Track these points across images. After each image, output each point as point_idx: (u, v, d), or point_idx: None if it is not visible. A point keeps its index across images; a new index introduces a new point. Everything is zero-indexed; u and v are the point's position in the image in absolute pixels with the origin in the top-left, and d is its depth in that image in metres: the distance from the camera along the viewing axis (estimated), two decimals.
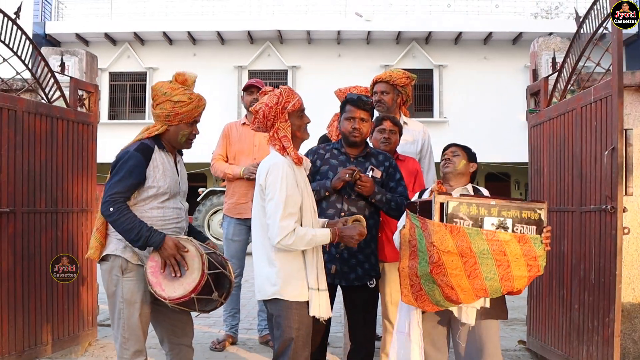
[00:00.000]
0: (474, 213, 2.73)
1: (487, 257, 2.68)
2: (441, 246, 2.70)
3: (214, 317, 5.58)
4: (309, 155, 3.48)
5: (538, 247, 2.72)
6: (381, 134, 3.86)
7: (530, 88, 4.82)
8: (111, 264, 2.98)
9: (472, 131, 15.59)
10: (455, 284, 2.73)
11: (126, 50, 17.76)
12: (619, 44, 3.47)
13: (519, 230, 2.74)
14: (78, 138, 4.55)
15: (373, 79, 4.49)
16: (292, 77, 17.77)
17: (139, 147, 2.95)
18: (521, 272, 2.73)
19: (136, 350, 2.97)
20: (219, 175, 4.90)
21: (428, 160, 4.45)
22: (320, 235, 2.78)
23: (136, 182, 2.90)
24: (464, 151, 3.27)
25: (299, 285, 2.79)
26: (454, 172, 3.21)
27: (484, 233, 2.69)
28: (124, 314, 2.95)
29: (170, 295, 2.80)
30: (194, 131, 3.06)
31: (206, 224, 13.64)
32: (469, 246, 2.68)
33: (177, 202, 3.07)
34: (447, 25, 17.15)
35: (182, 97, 2.97)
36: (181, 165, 3.21)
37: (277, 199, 2.71)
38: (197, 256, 2.84)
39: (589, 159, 3.77)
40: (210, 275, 2.84)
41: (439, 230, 2.71)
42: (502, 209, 2.74)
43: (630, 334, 4.19)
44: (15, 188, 3.94)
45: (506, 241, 2.69)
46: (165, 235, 2.85)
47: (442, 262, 2.71)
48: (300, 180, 2.83)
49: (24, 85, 4.57)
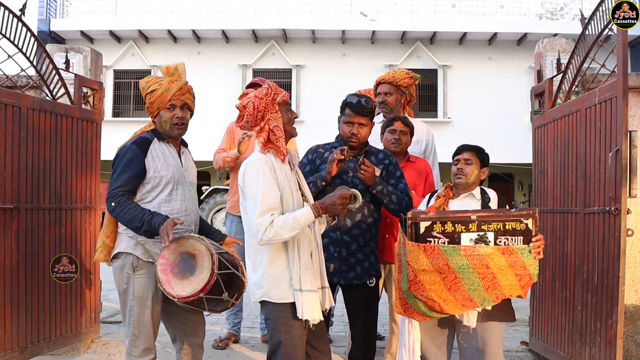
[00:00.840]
0: (449, 230, 2.68)
1: (468, 272, 2.66)
2: (416, 265, 2.68)
3: (217, 316, 5.55)
4: (308, 154, 3.47)
5: (526, 257, 2.67)
6: (392, 135, 3.85)
7: (534, 89, 4.80)
8: (122, 262, 2.99)
9: (476, 131, 15.55)
10: (437, 297, 2.74)
11: (131, 48, 17.79)
12: (624, 45, 3.46)
13: (502, 242, 2.69)
14: (82, 135, 4.56)
15: (376, 80, 4.49)
16: (296, 76, 17.77)
17: (135, 140, 2.99)
18: (510, 281, 2.70)
19: (146, 348, 2.98)
20: (221, 165, 4.87)
21: (432, 160, 4.45)
22: (301, 215, 2.64)
23: (135, 174, 2.91)
24: (477, 157, 3.16)
25: (282, 287, 2.72)
26: (465, 185, 3.15)
27: (461, 249, 2.65)
28: (135, 311, 2.95)
29: (179, 293, 2.79)
30: (175, 115, 3.02)
31: (210, 222, 13.67)
32: (446, 263, 2.65)
33: (185, 192, 3.07)
34: (451, 25, 17.11)
35: (153, 86, 3.01)
36: (186, 156, 3.21)
37: (254, 197, 2.68)
38: (208, 255, 2.82)
39: (593, 160, 3.76)
40: (220, 275, 2.82)
41: (412, 249, 2.68)
42: (483, 223, 2.68)
43: (633, 336, 4.18)
44: (19, 185, 3.94)
45: (488, 254, 2.65)
46: (166, 216, 2.85)
47: (419, 279, 2.71)
48: (280, 175, 2.74)
49: (28, 82, 4.58)
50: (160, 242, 2.79)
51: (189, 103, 3.09)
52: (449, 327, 3.11)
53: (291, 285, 2.71)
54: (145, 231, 2.84)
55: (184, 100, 3.05)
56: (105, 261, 3.10)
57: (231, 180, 4.98)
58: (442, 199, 3.11)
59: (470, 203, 3.08)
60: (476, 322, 2.94)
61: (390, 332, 3.84)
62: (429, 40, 17.66)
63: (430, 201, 3.21)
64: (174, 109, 3.02)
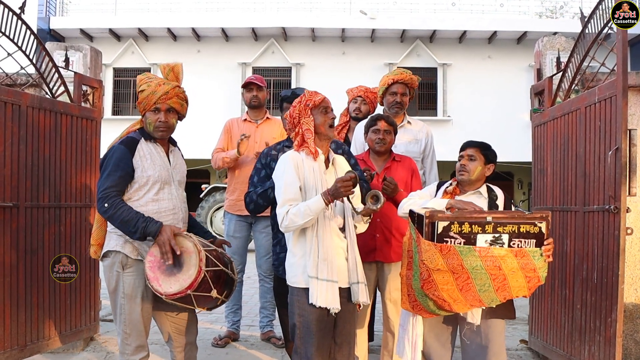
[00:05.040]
0: (467, 231, 2.67)
1: (481, 272, 2.66)
2: (431, 264, 2.68)
3: (216, 314, 5.59)
4: (262, 159, 3.51)
5: (537, 259, 2.69)
6: (376, 135, 3.80)
7: (534, 87, 4.80)
8: (112, 260, 2.99)
9: (475, 130, 15.50)
10: (447, 297, 2.75)
11: (130, 46, 17.77)
12: (624, 44, 3.46)
13: (516, 245, 2.69)
14: (82, 133, 4.55)
15: (390, 78, 4.44)
16: (296, 74, 17.75)
17: (122, 141, 3.00)
18: (519, 283, 2.72)
19: (138, 346, 2.98)
20: (219, 164, 4.88)
21: (430, 159, 4.45)
22: (312, 202, 2.79)
23: (124, 173, 2.92)
24: (481, 153, 3.16)
25: (298, 272, 2.89)
26: (468, 182, 3.15)
27: (476, 250, 2.65)
28: (125, 309, 2.96)
29: (167, 290, 2.80)
30: (158, 119, 3.01)
31: (209, 220, 13.66)
32: (460, 263, 2.65)
33: (172, 190, 3.07)
34: (451, 24, 17.09)
35: (142, 85, 3.02)
36: (175, 155, 3.21)
37: (278, 189, 2.93)
38: (195, 252, 2.84)
39: (593, 159, 3.76)
40: (208, 272, 2.84)
41: (428, 249, 2.68)
42: (498, 225, 2.68)
43: (632, 334, 4.19)
44: (19, 183, 3.94)
45: (501, 256, 2.66)
46: (161, 224, 2.86)
47: (433, 279, 2.72)
48: (308, 171, 2.90)
49: (28, 80, 4.57)
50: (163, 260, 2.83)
51: (176, 107, 3.06)
52: (453, 324, 3.12)
53: (305, 272, 2.85)
54: (138, 237, 2.87)
55: (169, 105, 3.02)
56: (96, 257, 3.13)
57: (229, 179, 4.98)
58: (449, 196, 3.11)
59: (477, 201, 3.06)
60: (480, 319, 2.95)
61: (386, 330, 3.84)
62: (429, 39, 17.64)
63: (438, 193, 3.19)
64: (158, 113, 3.02)
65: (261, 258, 4.83)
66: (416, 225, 2.84)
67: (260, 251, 4.84)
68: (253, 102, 4.90)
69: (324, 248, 2.85)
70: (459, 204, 2.89)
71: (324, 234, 2.87)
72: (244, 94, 4.97)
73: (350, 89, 4.76)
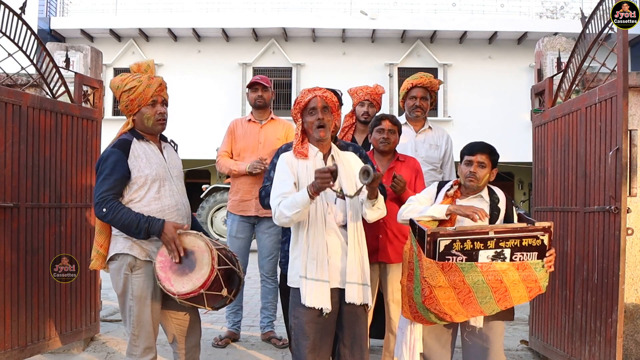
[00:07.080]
0: (468, 248, 2.63)
1: (482, 286, 2.66)
2: (432, 282, 2.67)
3: (217, 314, 5.59)
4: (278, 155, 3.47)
5: (539, 271, 2.68)
6: (380, 134, 3.78)
7: (534, 88, 4.80)
8: (119, 263, 2.98)
9: (476, 130, 15.52)
10: (449, 310, 2.76)
11: (131, 47, 17.78)
12: (624, 44, 3.46)
13: (518, 258, 2.67)
14: (82, 134, 4.56)
15: (410, 82, 4.44)
16: (296, 74, 17.77)
17: (115, 143, 2.99)
18: (520, 293, 2.72)
19: (146, 347, 2.98)
20: (225, 172, 4.90)
21: (450, 166, 4.49)
22: (298, 195, 2.76)
23: (120, 176, 2.91)
24: (489, 159, 3.05)
25: (293, 272, 2.91)
26: (476, 189, 3.08)
27: (478, 266, 2.63)
28: (134, 311, 2.95)
29: (179, 290, 2.79)
30: (158, 111, 3.04)
31: (209, 220, 13.64)
32: (462, 279, 2.64)
33: (172, 187, 3.06)
34: (452, 24, 17.11)
35: (131, 83, 3.00)
36: (169, 150, 3.20)
37: (272, 186, 3.00)
38: (207, 251, 2.83)
39: (593, 159, 3.76)
40: (219, 270, 2.84)
41: (430, 266, 2.66)
42: (501, 240, 2.64)
43: (632, 334, 4.18)
44: (19, 183, 3.94)
45: (503, 270, 2.64)
46: (164, 221, 2.87)
47: (434, 295, 2.71)
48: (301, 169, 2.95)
49: (28, 80, 4.57)
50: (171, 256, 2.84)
51: (166, 99, 3.12)
52: (453, 326, 3.12)
53: (297, 272, 2.86)
54: (144, 237, 2.88)
55: (163, 96, 3.07)
56: (101, 268, 3.11)
57: (232, 179, 4.97)
58: (450, 199, 3.05)
59: (479, 205, 3.00)
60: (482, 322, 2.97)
61: (388, 331, 3.84)
62: (429, 39, 17.65)
63: (439, 195, 3.14)
64: (155, 105, 3.03)
65: (264, 259, 4.83)
66: (417, 237, 2.79)
67: (262, 252, 4.83)
68: (258, 103, 4.89)
69: (314, 247, 2.83)
70: (459, 209, 2.87)
71: (315, 233, 2.84)
72: (249, 94, 4.96)
73: (354, 90, 4.71)
